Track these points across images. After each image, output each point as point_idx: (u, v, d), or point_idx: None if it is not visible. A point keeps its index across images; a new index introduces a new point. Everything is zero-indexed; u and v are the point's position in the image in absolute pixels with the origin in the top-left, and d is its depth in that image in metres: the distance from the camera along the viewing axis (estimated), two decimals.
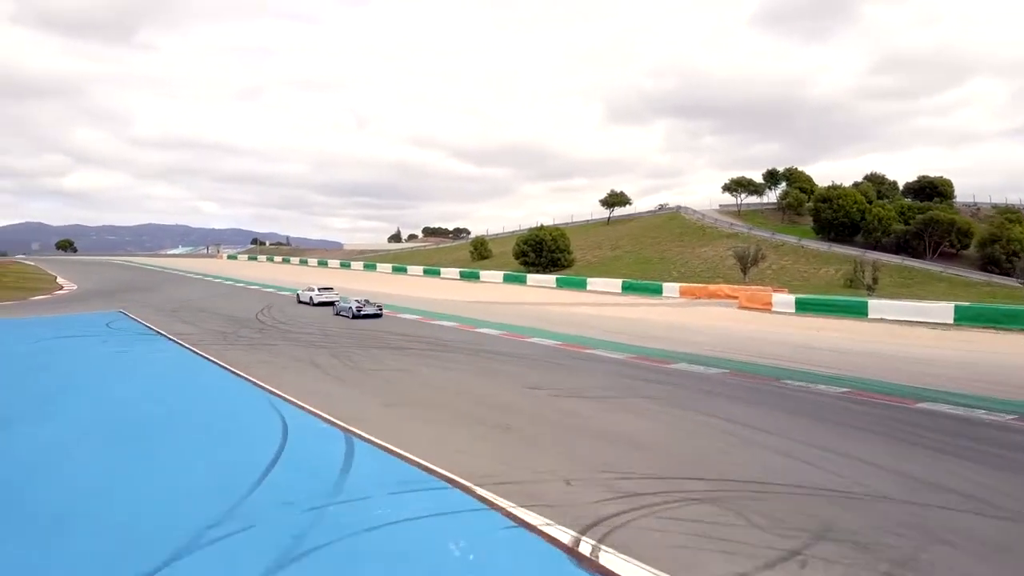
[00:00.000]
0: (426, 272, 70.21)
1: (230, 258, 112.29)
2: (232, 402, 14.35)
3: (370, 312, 30.15)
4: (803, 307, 34.23)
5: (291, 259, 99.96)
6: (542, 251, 69.14)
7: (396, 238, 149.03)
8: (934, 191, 79.06)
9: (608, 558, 6.87)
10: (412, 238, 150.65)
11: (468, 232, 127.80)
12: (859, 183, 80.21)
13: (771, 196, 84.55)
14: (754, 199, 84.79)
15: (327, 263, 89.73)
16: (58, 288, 49.95)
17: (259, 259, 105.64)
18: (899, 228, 66.86)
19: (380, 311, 30.74)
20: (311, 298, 35.97)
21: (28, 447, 10.91)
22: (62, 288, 49.97)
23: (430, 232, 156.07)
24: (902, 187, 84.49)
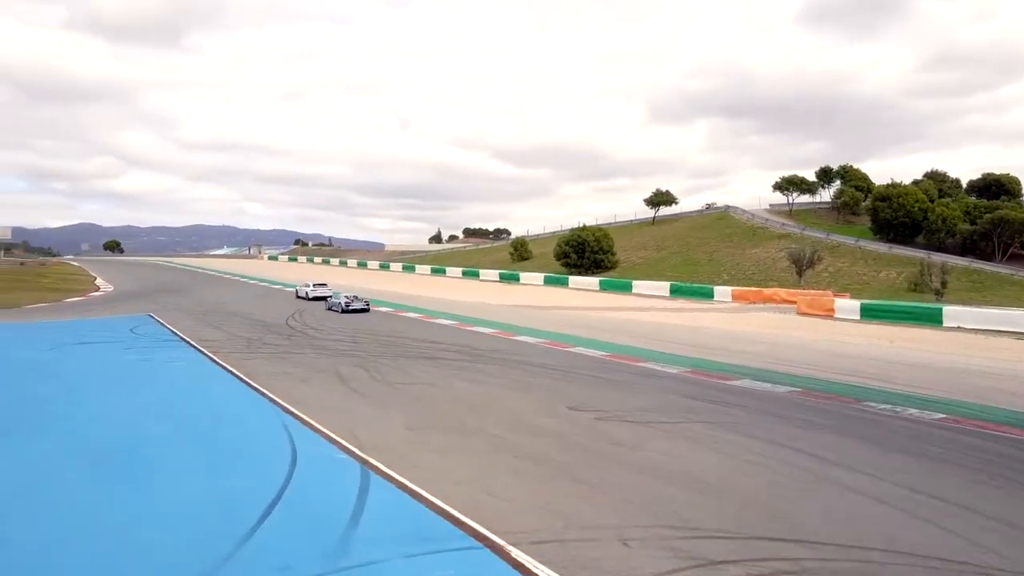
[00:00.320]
0: (465, 274, 68.88)
1: (271, 259, 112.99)
2: (242, 423, 12.94)
3: (358, 307, 32.71)
4: (869, 313, 31.59)
5: (331, 260, 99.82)
6: (584, 252, 66.76)
7: (437, 239, 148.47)
8: (1001, 189, 74.13)
9: None
10: (452, 239, 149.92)
11: (508, 233, 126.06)
12: (919, 181, 75.86)
13: (824, 195, 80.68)
14: (806, 198, 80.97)
15: (366, 264, 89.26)
16: (95, 289, 50.10)
17: (299, 260, 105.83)
18: (965, 228, 62.73)
19: (367, 306, 33.23)
20: (307, 293, 40.19)
21: (9, 465, 10.10)
22: (98, 289, 50.10)
23: (470, 233, 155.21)
24: (965, 185, 79.79)
